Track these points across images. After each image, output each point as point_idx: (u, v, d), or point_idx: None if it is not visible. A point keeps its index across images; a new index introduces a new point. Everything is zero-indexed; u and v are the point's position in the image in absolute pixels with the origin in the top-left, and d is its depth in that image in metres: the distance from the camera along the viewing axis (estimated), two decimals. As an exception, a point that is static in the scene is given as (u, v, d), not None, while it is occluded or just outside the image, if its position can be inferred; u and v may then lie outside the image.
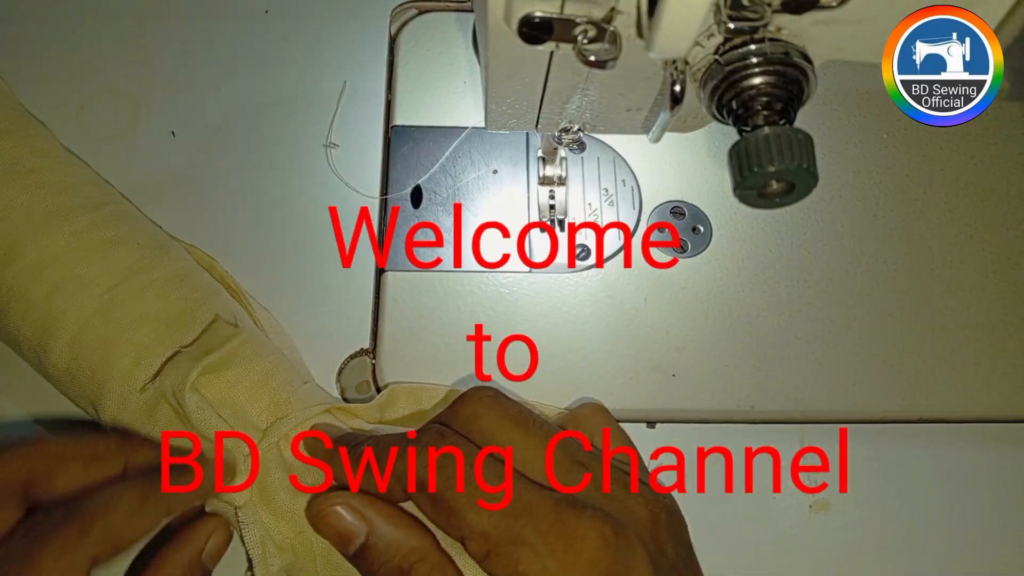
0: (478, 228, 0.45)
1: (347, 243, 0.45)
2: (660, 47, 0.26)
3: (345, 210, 0.45)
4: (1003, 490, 0.41)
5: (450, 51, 0.50)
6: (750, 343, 0.43)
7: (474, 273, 0.44)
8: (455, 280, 0.44)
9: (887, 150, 0.49)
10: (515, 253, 0.45)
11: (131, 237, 0.39)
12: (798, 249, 0.46)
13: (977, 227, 0.47)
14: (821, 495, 0.40)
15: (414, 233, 0.45)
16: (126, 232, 0.39)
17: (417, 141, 0.47)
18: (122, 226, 0.39)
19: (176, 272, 0.39)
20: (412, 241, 0.45)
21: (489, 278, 0.44)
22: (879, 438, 0.42)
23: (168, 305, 0.37)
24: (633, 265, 0.45)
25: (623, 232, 0.45)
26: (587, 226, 0.45)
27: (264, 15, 0.51)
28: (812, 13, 0.26)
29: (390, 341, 0.42)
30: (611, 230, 0.45)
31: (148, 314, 0.37)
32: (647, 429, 0.42)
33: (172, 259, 0.40)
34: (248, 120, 0.48)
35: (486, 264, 0.44)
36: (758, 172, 0.27)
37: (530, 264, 0.45)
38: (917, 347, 0.44)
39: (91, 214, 0.39)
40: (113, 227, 0.39)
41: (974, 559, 0.39)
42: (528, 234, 0.45)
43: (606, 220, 0.46)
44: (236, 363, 0.36)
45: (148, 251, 0.39)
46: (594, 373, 0.42)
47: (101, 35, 0.49)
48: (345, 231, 0.45)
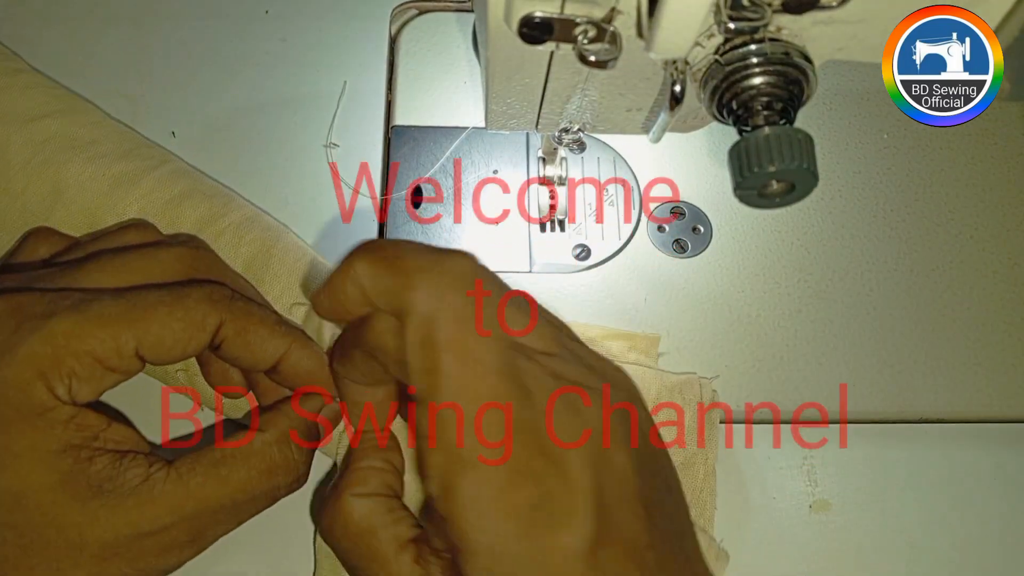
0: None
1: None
2: (660, 47, 0.26)
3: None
4: (1003, 490, 0.41)
5: (450, 51, 0.50)
6: (750, 343, 0.43)
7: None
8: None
9: (887, 150, 0.49)
10: (515, 256, 0.45)
11: (196, 190, 0.40)
12: (798, 249, 0.46)
13: (977, 227, 0.47)
14: (821, 495, 0.40)
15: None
16: (191, 186, 0.41)
17: (417, 141, 0.47)
18: (186, 180, 0.41)
19: (245, 216, 0.40)
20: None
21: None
22: (879, 438, 0.42)
23: (242, 248, 0.39)
24: (633, 265, 0.45)
25: (623, 232, 0.45)
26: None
27: (264, 15, 0.51)
28: (812, 13, 0.26)
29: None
30: (611, 230, 0.45)
31: (226, 261, 0.37)
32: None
33: (238, 205, 0.41)
34: (248, 120, 0.48)
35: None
36: (758, 172, 0.27)
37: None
38: (917, 347, 0.44)
39: (154, 173, 0.40)
40: (178, 183, 0.40)
41: (974, 559, 0.39)
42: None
43: (606, 220, 0.46)
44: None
45: (215, 200, 0.40)
46: (594, 373, 0.42)
47: (101, 35, 0.49)
48: (344, 232, 0.45)
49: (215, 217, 0.39)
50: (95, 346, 0.28)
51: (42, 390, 0.27)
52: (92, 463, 0.27)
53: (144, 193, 0.39)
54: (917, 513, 0.40)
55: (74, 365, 0.28)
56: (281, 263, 0.39)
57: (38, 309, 0.28)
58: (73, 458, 0.27)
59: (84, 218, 0.38)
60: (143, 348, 0.29)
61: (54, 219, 0.38)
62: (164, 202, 0.39)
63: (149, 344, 0.29)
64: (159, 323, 0.29)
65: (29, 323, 0.27)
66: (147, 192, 0.39)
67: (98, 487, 0.27)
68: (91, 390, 0.28)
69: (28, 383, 0.27)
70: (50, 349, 0.27)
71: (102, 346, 0.28)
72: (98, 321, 0.28)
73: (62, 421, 0.27)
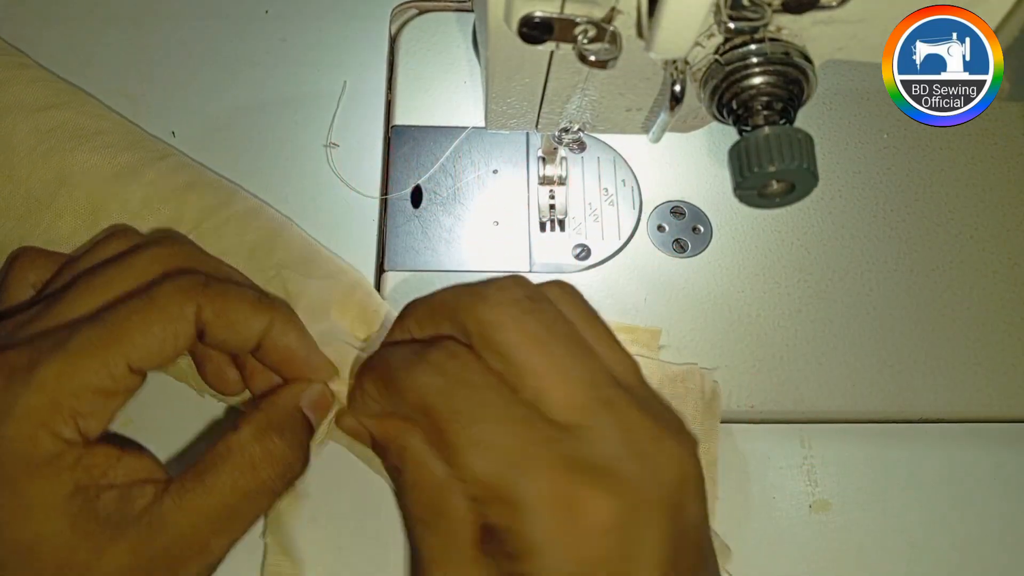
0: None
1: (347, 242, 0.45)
2: (660, 47, 0.26)
3: (345, 210, 0.45)
4: (1003, 490, 0.41)
5: (450, 51, 0.50)
6: (750, 343, 0.43)
7: (474, 272, 0.44)
8: (455, 280, 0.44)
9: (887, 150, 0.49)
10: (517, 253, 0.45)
11: (201, 180, 0.41)
12: (798, 249, 0.46)
13: (977, 227, 0.47)
14: (821, 495, 0.40)
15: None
16: (195, 176, 0.41)
17: (417, 141, 0.47)
18: (190, 171, 0.41)
19: (249, 207, 0.40)
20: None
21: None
22: (879, 438, 0.42)
23: (247, 236, 0.39)
24: (633, 265, 0.45)
25: (623, 232, 0.45)
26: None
27: (264, 15, 0.51)
28: (812, 13, 0.26)
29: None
30: (611, 230, 0.45)
31: (230, 249, 0.37)
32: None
33: (242, 197, 0.41)
34: (248, 120, 0.48)
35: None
36: (758, 172, 0.27)
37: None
38: (917, 347, 0.44)
39: (159, 164, 0.40)
40: (183, 174, 0.40)
41: (974, 559, 0.39)
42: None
43: (606, 220, 0.46)
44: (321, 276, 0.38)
45: (220, 190, 0.41)
46: (594, 373, 0.42)
47: (101, 35, 0.49)
48: (345, 231, 0.45)
49: (220, 206, 0.39)
50: (87, 379, 0.28)
51: (47, 439, 0.27)
52: (100, 499, 0.28)
53: (149, 182, 0.39)
54: (917, 513, 0.40)
55: (74, 404, 0.28)
56: (287, 250, 0.39)
57: (23, 360, 0.28)
58: (82, 498, 0.27)
59: (87, 204, 0.38)
60: (134, 362, 0.29)
61: (57, 206, 0.38)
62: (169, 191, 0.39)
63: (138, 356, 0.29)
64: (140, 332, 0.29)
65: (18, 376, 0.27)
66: (151, 181, 0.39)
67: (105, 521, 0.27)
68: (99, 421, 0.28)
69: (31, 437, 0.27)
70: (45, 398, 0.27)
71: (95, 376, 0.28)
72: (82, 353, 0.28)
73: (69, 465, 0.27)
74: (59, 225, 0.38)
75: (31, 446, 0.27)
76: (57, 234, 0.38)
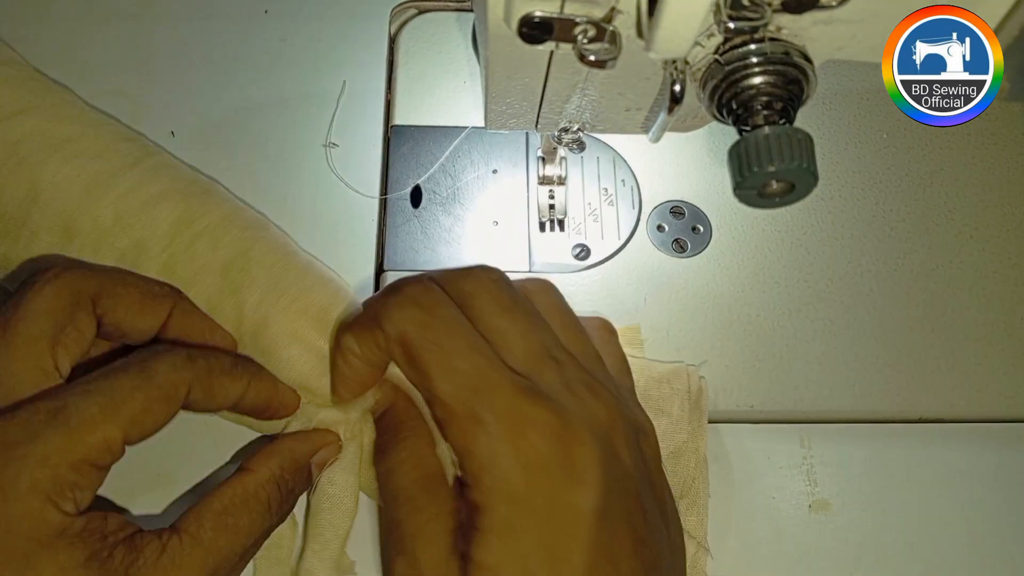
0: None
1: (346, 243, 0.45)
2: (660, 47, 0.26)
3: (345, 210, 0.45)
4: (1003, 490, 0.41)
5: (450, 51, 0.50)
6: (750, 343, 0.43)
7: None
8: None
9: (887, 150, 0.49)
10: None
11: (173, 188, 0.40)
12: (798, 249, 0.46)
13: (977, 227, 0.47)
14: (821, 495, 0.40)
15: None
16: (167, 185, 0.40)
17: (417, 141, 0.47)
18: (162, 179, 0.40)
19: (222, 215, 0.40)
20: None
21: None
22: (879, 438, 0.42)
23: (220, 251, 0.38)
24: (633, 265, 0.45)
25: (623, 232, 0.45)
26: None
27: (263, 15, 0.51)
28: (812, 13, 0.26)
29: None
30: (611, 230, 0.45)
31: (203, 269, 0.38)
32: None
33: (216, 202, 0.40)
34: (248, 120, 0.47)
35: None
36: (758, 172, 0.27)
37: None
38: (917, 347, 0.44)
39: (131, 172, 0.39)
40: (154, 182, 0.40)
41: (974, 559, 0.39)
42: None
43: (606, 220, 0.46)
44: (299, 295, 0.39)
45: (192, 200, 0.40)
46: (594, 373, 0.42)
47: (100, 34, 0.49)
48: (344, 231, 0.45)
49: (192, 218, 0.39)
50: (87, 453, 0.28)
51: (53, 513, 0.28)
52: (112, 559, 0.28)
53: (120, 195, 0.38)
54: (917, 513, 0.40)
55: (74, 478, 0.28)
56: (260, 266, 0.38)
57: (20, 433, 0.28)
58: (98, 563, 0.28)
59: (60, 222, 0.38)
60: (129, 436, 0.30)
61: (31, 223, 0.38)
62: (140, 204, 0.38)
63: (135, 432, 0.30)
64: (140, 409, 0.30)
65: (15, 452, 0.28)
66: (123, 194, 0.38)
67: (125, 574, 0.28)
68: (91, 493, 0.29)
69: (39, 511, 0.27)
70: (49, 472, 0.28)
71: (94, 451, 0.29)
72: (84, 429, 0.29)
73: (78, 534, 0.28)
74: (36, 245, 0.38)
75: (40, 521, 0.27)
76: (37, 253, 0.38)
